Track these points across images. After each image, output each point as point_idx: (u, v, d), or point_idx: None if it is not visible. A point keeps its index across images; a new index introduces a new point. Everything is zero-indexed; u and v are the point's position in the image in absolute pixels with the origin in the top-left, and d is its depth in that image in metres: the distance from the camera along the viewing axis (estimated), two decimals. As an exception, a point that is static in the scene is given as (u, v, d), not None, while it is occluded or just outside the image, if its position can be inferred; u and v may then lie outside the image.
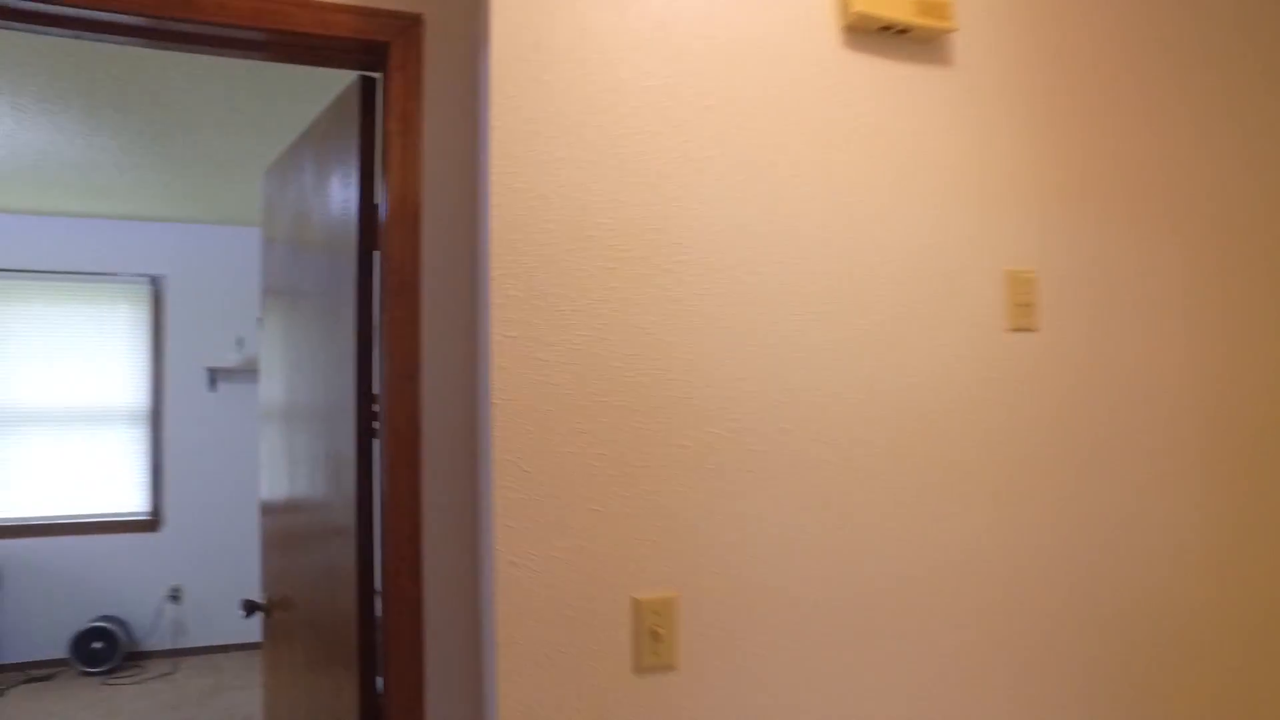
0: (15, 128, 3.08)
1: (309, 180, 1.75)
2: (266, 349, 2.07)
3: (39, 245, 4.51)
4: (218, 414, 4.70)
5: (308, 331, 1.73)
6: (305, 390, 1.73)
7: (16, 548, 4.42)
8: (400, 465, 1.31)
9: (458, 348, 1.34)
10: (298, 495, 1.80)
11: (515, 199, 1.14)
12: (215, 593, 4.67)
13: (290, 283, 1.87)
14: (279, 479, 1.94)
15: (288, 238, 1.90)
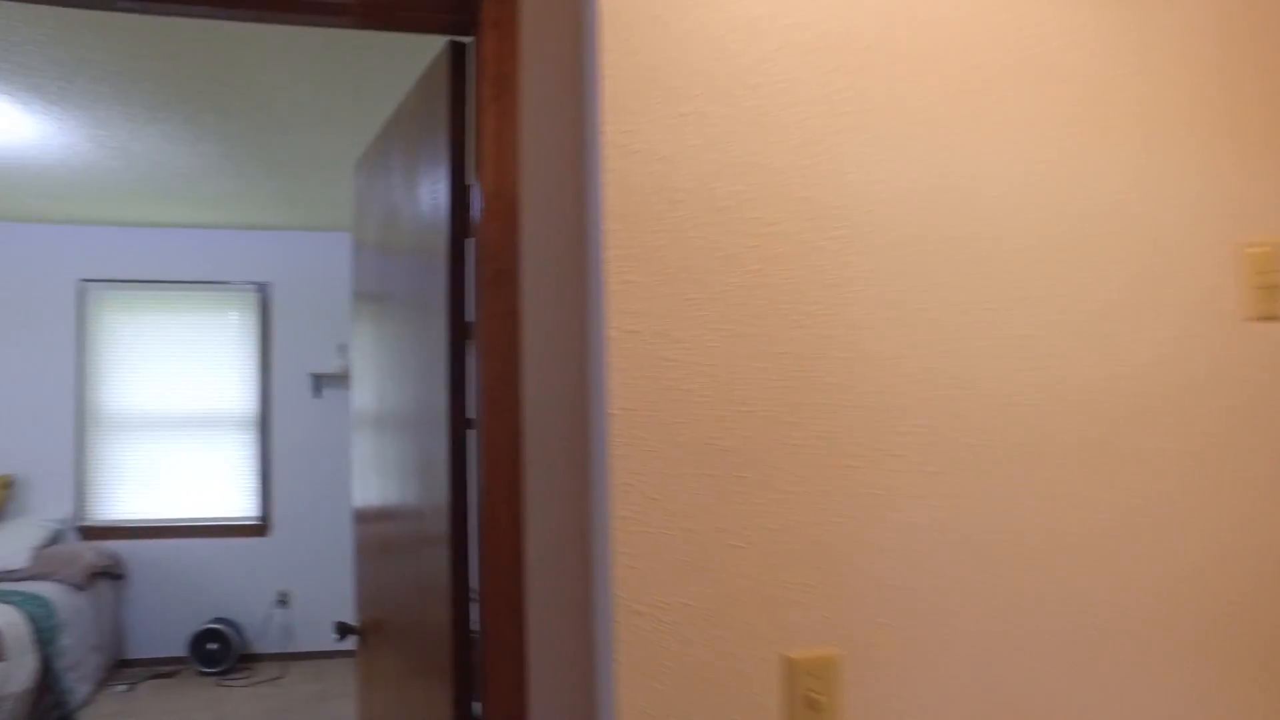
0: (129, 139, 3.11)
1: (396, 167, 1.59)
2: (358, 354, 1.97)
3: (157, 257, 4.63)
4: (322, 420, 4.72)
5: (398, 333, 1.58)
6: (396, 396, 1.59)
7: (141, 548, 4.55)
8: (498, 483, 1.12)
9: (566, 347, 1.14)
10: (390, 503, 1.66)
11: (632, 164, 0.92)
12: (321, 599, 4.68)
13: (380, 282, 1.73)
14: (371, 486, 1.82)
15: (377, 234, 1.76)
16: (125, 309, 4.62)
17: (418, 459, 1.45)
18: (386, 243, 1.68)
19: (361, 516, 1.93)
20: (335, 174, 3.62)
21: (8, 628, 3.56)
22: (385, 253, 1.69)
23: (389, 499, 1.66)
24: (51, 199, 4.01)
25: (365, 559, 1.91)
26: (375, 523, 1.80)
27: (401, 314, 1.54)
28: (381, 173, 1.72)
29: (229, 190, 3.86)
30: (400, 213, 1.57)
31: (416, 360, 1.43)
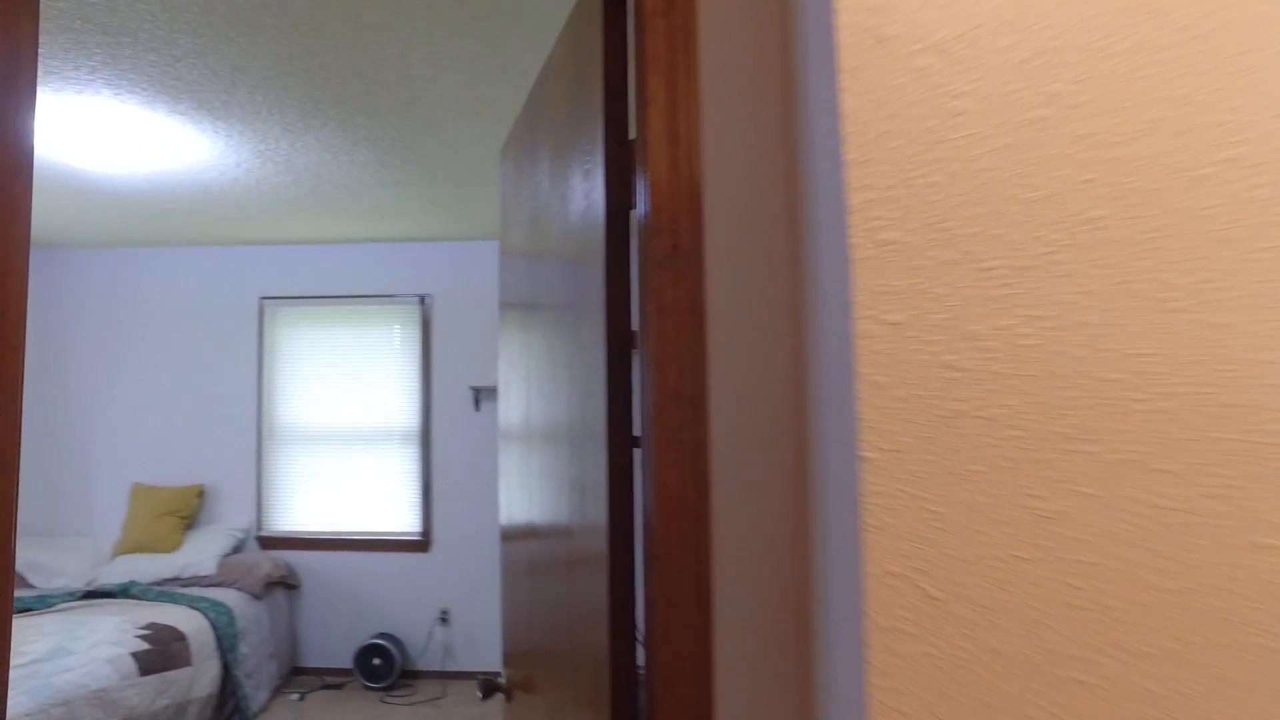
0: (291, 151, 3.09)
1: (542, 141, 1.32)
2: (504, 366, 1.75)
3: (327, 272, 4.73)
4: (481, 435, 4.64)
5: (547, 340, 1.31)
6: (544, 410, 1.33)
7: (312, 559, 4.63)
8: (672, 545, 0.81)
9: (774, 351, 0.80)
10: (538, 522, 1.41)
11: (884, 57, 0.58)
12: (480, 617, 4.58)
13: (527, 285, 1.48)
14: (517, 504, 1.58)
15: (522, 225, 1.51)
16: (299, 324, 4.75)
17: (571, 477, 1.18)
18: (533, 235, 1.43)
19: (508, 535, 1.72)
20: (487, 177, 3.48)
21: (194, 634, 3.66)
22: (532, 247, 1.43)
23: (536, 518, 1.41)
24: (232, 220, 4.16)
25: (512, 580, 1.69)
26: (521, 541, 1.57)
27: (551, 314, 1.27)
28: (527, 151, 1.46)
29: (387, 201, 3.82)
30: (548, 194, 1.30)
31: (569, 371, 1.15)
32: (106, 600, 3.98)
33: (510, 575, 1.72)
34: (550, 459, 1.29)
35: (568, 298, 1.17)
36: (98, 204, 3.82)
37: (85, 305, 4.86)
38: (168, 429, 4.76)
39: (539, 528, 1.41)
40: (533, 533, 1.47)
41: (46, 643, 3.33)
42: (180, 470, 4.74)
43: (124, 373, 4.81)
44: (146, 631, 3.50)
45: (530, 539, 1.49)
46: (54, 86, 2.52)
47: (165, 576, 4.30)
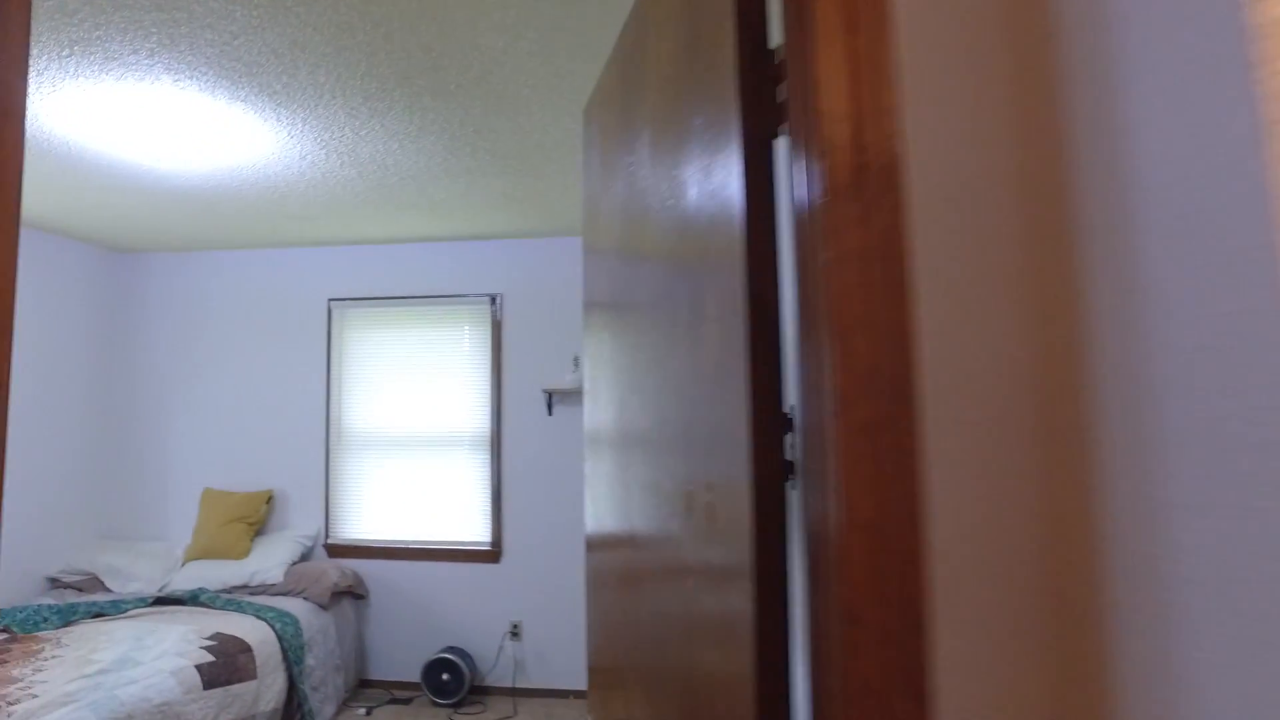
0: (354, 139, 2.93)
1: (649, 80, 1.08)
2: (591, 366, 1.52)
3: (396, 272, 4.61)
4: (554, 440, 4.43)
5: (654, 323, 1.06)
6: (646, 411, 1.08)
7: (379, 568, 4.50)
8: (867, 602, 0.55)
9: (1019, 314, 0.54)
10: (639, 532, 1.17)
11: None
12: (552, 632, 4.37)
13: (621, 278, 1.24)
14: (608, 511, 1.35)
15: (619, 194, 1.27)
16: (367, 326, 4.63)
17: (683, 485, 0.93)
18: (631, 199, 1.18)
19: (596, 545, 1.50)
20: (562, 165, 3.27)
21: (260, 646, 3.53)
22: (630, 215, 1.19)
23: (637, 527, 1.18)
24: (299, 219, 4.05)
25: (601, 592, 1.46)
26: (613, 551, 1.34)
27: (659, 295, 1.03)
28: (619, 99, 1.22)
29: (456, 193, 3.65)
30: (653, 138, 1.05)
31: (687, 359, 0.90)
32: (176, 607, 3.90)
33: (598, 587, 1.50)
34: (654, 464, 1.04)
35: (684, 265, 0.92)
36: (168, 205, 3.76)
37: (158, 309, 4.84)
38: (237, 434, 4.70)
39: (639, 538, 1.18)
40: (630, 543, 1.24)
41: (114, 651, 3.24)
42: (249, 476, 4.67)
43: (196, 377, 4.77)
44: (211, 642, 3.38)
45: (625, 549, 1.26)
46: (115, 74, 2.40)
47: (234, 584, 4.21)
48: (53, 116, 2.69)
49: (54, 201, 3.70)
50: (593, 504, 1.53)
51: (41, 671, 3.03)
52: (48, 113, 2.66)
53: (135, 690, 2.90)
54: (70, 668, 3.06)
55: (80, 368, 4.66)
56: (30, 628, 3.57)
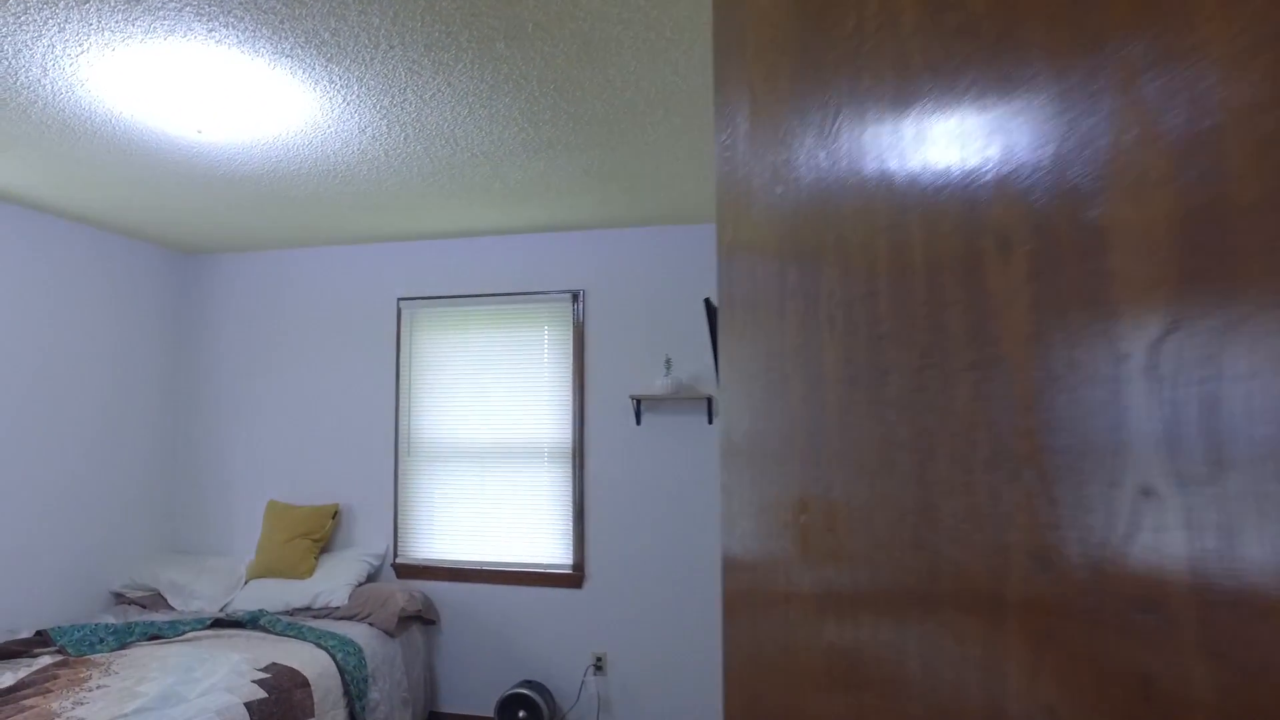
0: (419, 104, 2.54)
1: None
2: (731, 376, 1.07)
3: (469, 269, 4.24)
4: (643, 452, 3.97)
5: (828, 336, 0.58)
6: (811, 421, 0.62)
7: (451, 592, 4.12)
8: None
9: None
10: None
11: None
12: (641, 667, 3.89)
13: (797, 280, 0.79)
14: (753, 530, 0.89)
15: (790, 187, 0.80)
16: (439, 327, 4.27)
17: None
18: (819, 193, 0.71)
19: (738, 566, 1.06)
20: (658, 129, 2.81)
21: (319, 680, 3.18)
22: (813, 222, 0.72)
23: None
24: (365, 209, 3.71)
25: (746, 621, 1.02)
26: (761, 572, 0.89)
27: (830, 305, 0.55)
28: (794, 40, 0.75)
29: (534, 173, 3.24)
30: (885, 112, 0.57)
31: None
32: (234, 631, 3.59)
33: (741, 614, 1.05)
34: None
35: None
36: (226, 193, 3.46)
37: (224, 313, 4.60)
38: (303, 443, 4.40)
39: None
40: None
41: (161, 684, 2.92)
42: (315, 488, 4.37)
43: (261, 383, 4.50)
44: (266, 675, 3.04)
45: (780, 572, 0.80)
46: (143, 26, 2.06)
47: (296, 605, 3.89)
48: (89, 85, 2.38)
49: (116, 197, 3.45)
50: (733, 521, 1.11)
51: (82, 705, 2.73)
52: (83, 80, 2.35)
53: (176, 733, 2.56)
54: (112, 703, 2.76)
55: (149, 374, 4.45)
56: (85, 649, 3.31)
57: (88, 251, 4.08)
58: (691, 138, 2.84)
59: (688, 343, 3.93)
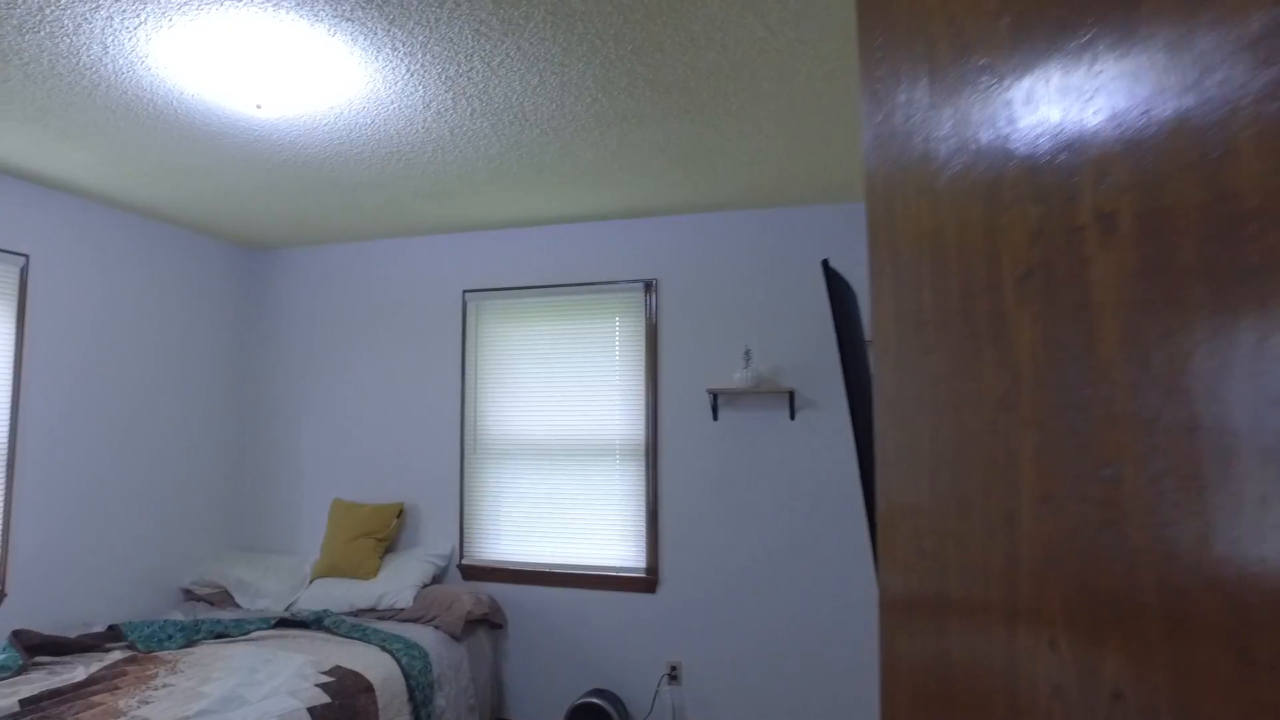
0: (486, 74, 2.37)
1: None
2: (891, 376, 0.85)
3: (536, 259, 4.08)
4: (721, 449, 3.74)
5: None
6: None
7: (519, 595, 3.96)
8: None
9: None
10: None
11: None
12: (719, 677, 3.66)
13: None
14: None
15: (986, 167, 0.59)
16: (505, 320, 4.13)
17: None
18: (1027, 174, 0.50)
19: (897, 605, 0.84)
20: (741, 97, 2.58)
21: (383, 685, 3.05)
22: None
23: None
24: (430, 196, 3.58)
25: (911, 627, 0.81)
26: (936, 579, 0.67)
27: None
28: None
29: (606, 152, 3.05)
30: None
31: None
32: (299, 631, 3.50)
33: (912, 624, 0.83)
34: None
35: None
36: (289, 178, 3.37)
37: (289, 309, 4.55)
38: (368, 440, 4.31)
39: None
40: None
41: (224, 685, 2.83)
42: (379, 486, 4.26)
43: (326, 379, 4.43)
44: (329, 678, 2.92)
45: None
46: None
47: (361, 606, 3.78)
48: (149, 61, 2.28)
49: (183, 189, 3.39)
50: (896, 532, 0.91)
51: (147, 704, 2.65)
52: (142, 56, 2.25)
53: (237, 739, 2.45)
54: (176, 703, 2.66)
55: (218, 372, 4.42)
56: (154, 645, 3.26)
57: (161, 248, 4.06)
58: (777, 105, 2.61)
59: (769, 333, 3.69)
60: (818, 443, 3.59)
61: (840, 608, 3.53)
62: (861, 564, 3.51)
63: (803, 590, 3.58)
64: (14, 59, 2.30)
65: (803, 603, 3.57)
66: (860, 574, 3.51)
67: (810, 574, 3.57)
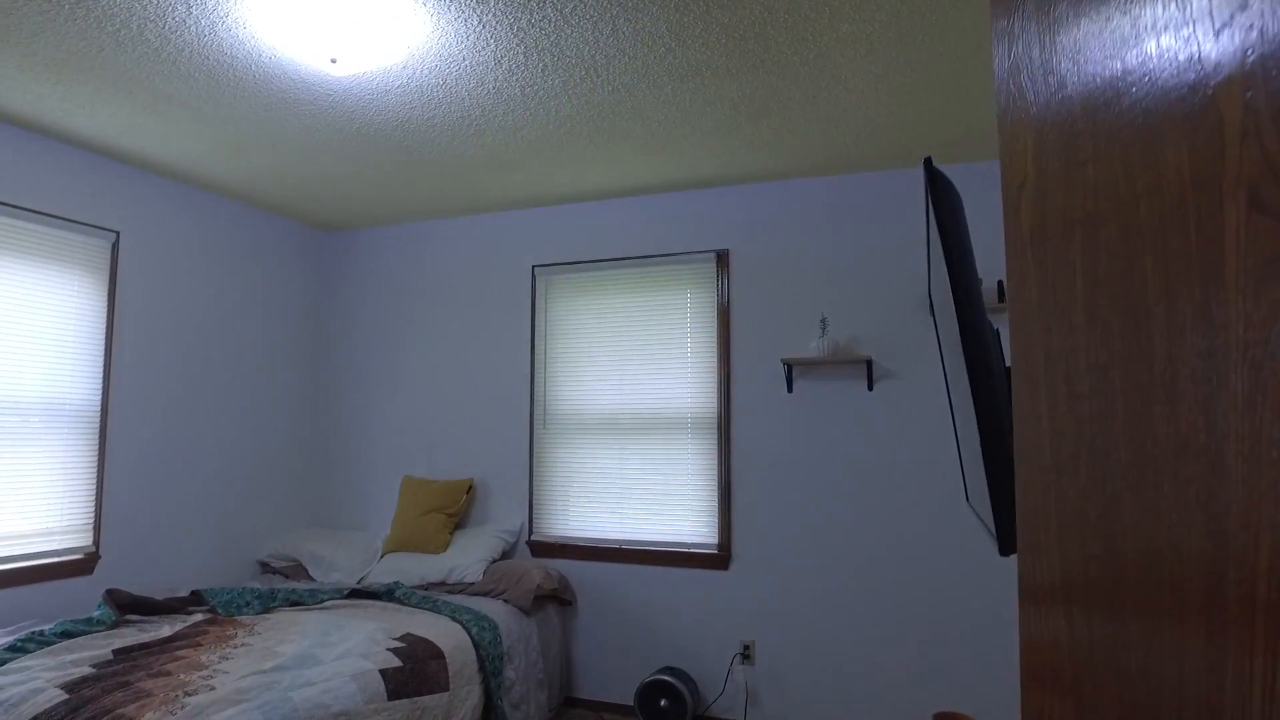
0: (558, 21, 2.34)
1: None
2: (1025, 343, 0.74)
3: (604, 232, 4.04)
4: (796, 422, 3.63)
5: None
6: None
7: (588, 571, 3.92)
8: None
9: None
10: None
11: None
12: (793, 657, 3.55)
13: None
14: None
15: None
16: (575, 294, 4.10)
17: None
18: None
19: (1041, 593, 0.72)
20: (820, 43, 2.49)
21: (453, 653, 3.03)
22: None
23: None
24: (499, 166, 3.58)
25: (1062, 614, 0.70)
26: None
27: None
28: None
29: (679, 110, 2.99)
30: None
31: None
32: (369, 602, 3.52)
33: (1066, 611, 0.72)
34: None
35: None
36: (359, 148, 3.41)
37: (361, 289, 4.62)
38: (438, 417, 4.33)
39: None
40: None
41: (298, 646, 2.86)
42: (449, 463, 4.28)
43: (397, 357, 4.48)
44: (400, 644, 2.92)
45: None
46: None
47: (431, 579, 3.80)
48: (229, 21, 2.32)
49: (260, 166, 3.47)
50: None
51: (227, 660, 2.70)
52: (223, 15, 2.29)
53: (312, 694, 2.46)
54: (253, 659, 2.70)
55: (293, 352, 4.52)
56: (233, 610, 3.33)
57: (241, 228, 4.16)
58: (857, 50, 2.50)
59: (845, 301, 3.57)
60: (897, 415, 3.45)
61: (921, 586, 3.37)
62: (945, 541, 3.35)
63: (881, 568, 3.44)
64: (106, 25, 2.36)
65: (881, 581, 3.43)
66: (943, 551, 3.35)
67: (889, 552, 3.43)
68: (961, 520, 3.34)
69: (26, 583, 3.17)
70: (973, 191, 3.37)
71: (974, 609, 3.29)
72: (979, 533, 3.31)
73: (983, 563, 3.29)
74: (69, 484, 3.35)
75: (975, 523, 3.30)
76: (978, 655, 3.27)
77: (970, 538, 3.32)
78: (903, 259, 3.51)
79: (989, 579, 3.28)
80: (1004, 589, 3.26)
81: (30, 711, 2.24)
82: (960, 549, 3.33)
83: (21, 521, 3.18)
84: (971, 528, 3.32)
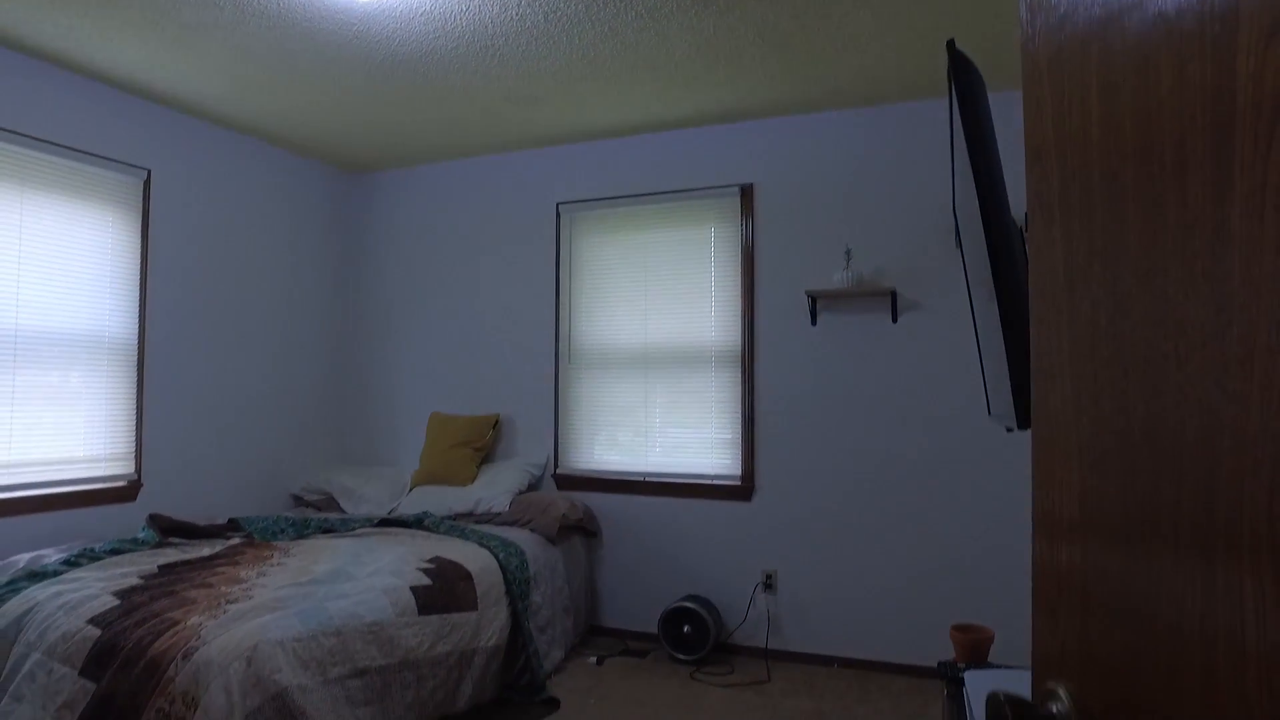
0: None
1: None
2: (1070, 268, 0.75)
3: (628, 168, 4.04)
4: (819, 355, 3.64)
5: None
6: None
7: (613, 503, 3.99)
8: None
9: None
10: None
11: None
12: (814, 586, 3.61)
13: None
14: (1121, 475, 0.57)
15: None
16: (599, 231, 4.12)
17: None
18: None
19: (1057, 530, 0.74)
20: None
21: (481, 574, 3.13)
22: None
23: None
24: (522, 101, 3.58)
25: (1060, 604, 0.71)
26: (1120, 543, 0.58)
27: None
28: None
29: (703, 37, 2.96)
30: None
31: None
32: (399, 529, 3.63)
33: (1049, 585, 0.75)
34: None
35: None
36: (382, 85, 3.42)
37: (387, 229, 4.66)
38: (464, 354, 4.40)
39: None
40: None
41: (332, 565, 2.97)
42: (476, 399, 4.36)
43: (424, 296, 4.53)
44: (430, 565, 3.01)
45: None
46: None
47: (459, 510, 3.90)
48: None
49: (285, 103, 3.49)
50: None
51: (265, 576, 2.82)
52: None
53: (345, 605, 2.56)
54: (290, 575, 2.82)
55: (321, 291, 4.59)
56: (269, 536, 3.45)
57: (269, 168, 4.21)
58: (885, -33, 2.46)
59: (869, 233, 3.55)
60: (921, 347, 3.45)
61: (939, 515, 3.41)
62: (966, 472, 3.38)
63: (901, 499, 3.47)
64: (131, -52, 2.39)
65: (901, 512, 3.47)
66: (963, 482, 3.38)
67: (910, 482, 3.46)
68: (982, 451, 3.36)
69: (76, 506, 3.31)
70: (996, 120, 3.32)
71: (992, 533, 3.32)
72: (998, 461, 3.33)
73: (1001, 489, 3.32)
74: (112, 414, 3.47)
75: (995, 449, 3.32)
76: (995, 576, 3.31)
77: (990, 467, 3.34)
78: (927, 190, 3.48)
79: (1007, 505, 3.31)
80: (1021, 508, 3.28)
81: (88, 614, 2.37)
82: (980, 480, 3.35)
83: (71, 448, 3.31)
84: (991, 456, 3.33)
